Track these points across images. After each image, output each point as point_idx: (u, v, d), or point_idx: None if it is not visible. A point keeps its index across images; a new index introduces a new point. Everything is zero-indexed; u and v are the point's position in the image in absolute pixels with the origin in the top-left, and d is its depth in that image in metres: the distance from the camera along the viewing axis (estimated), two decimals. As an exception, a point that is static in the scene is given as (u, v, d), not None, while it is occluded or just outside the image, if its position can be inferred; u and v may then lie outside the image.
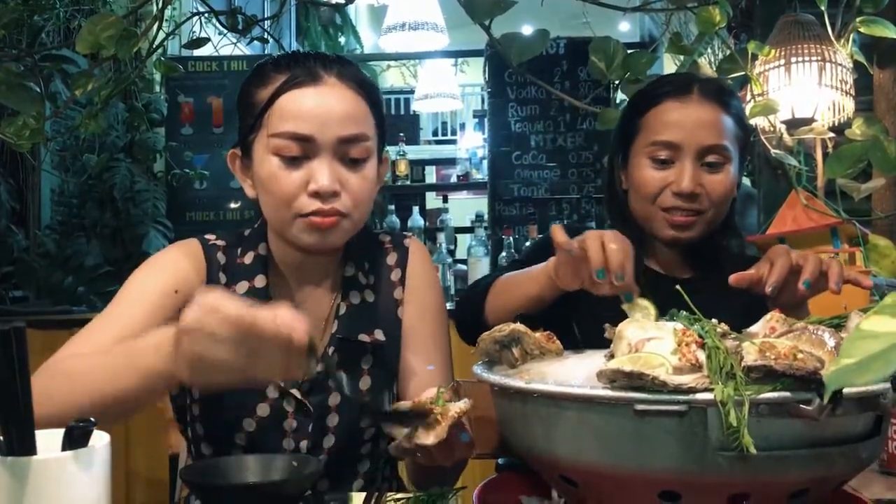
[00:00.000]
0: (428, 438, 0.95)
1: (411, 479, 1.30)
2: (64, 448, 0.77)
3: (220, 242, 1.30)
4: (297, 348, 0.88)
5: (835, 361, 0.51)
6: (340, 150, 1.19)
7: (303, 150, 1.17)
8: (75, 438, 0.78)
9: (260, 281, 1.25)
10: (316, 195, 1.17)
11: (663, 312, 0.98)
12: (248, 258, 1.27)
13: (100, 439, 0.79)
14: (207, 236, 1.31)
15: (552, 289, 1.21)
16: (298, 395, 1.21)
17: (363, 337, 1.26)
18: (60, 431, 0.79)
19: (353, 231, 1.24)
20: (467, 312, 1.37)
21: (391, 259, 1.34)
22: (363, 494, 1.09)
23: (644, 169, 1.40)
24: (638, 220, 1.45)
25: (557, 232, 1.13)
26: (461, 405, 0.97)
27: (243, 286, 1.25)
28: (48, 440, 0.79)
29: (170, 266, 1.24)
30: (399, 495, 1.10)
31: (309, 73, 1.19)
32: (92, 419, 0.79)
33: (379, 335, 1.28)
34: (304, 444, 1.21)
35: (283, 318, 0.87)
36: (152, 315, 1.16)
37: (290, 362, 0.89)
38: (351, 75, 1.22)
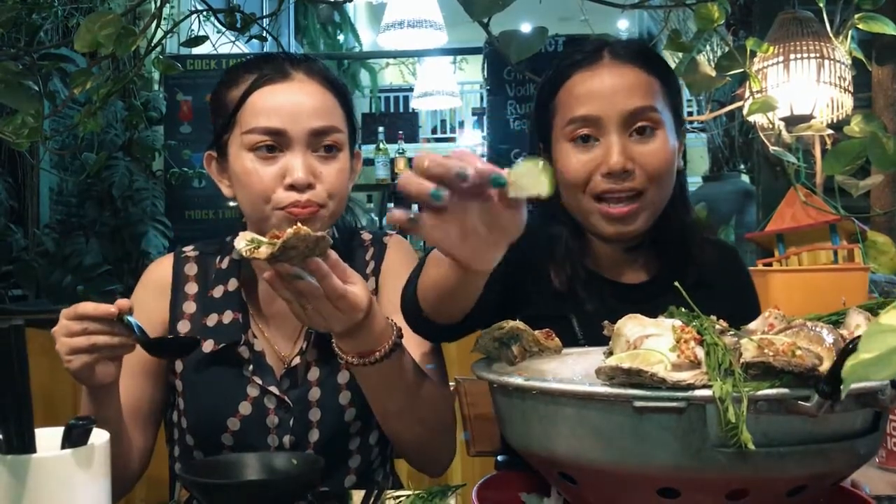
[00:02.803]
0: (261, 254, 0.92)
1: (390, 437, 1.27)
2: (63, 446, 0.77)
3: (193, 253, 1.35)
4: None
5: (853, 356, 0.51)
6: (313, 143, 1.22)
7: (276, 144, 1.21)
8: (75, 437, 0.78)
9: (232, 284, 1.30)
10: (292, 188, 1.20)
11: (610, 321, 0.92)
12: (225, 263, 1.32)
13: (99, 437, 0.80)
14: (185, 248, 1.37)
15: (449, 266, 0.93)
16: (277, 392, 1.23)
17: None
18: (60, 430, 0.79)
19: (331, 222, 1.27)
20: (405, 306, 1.11)
21: (368, 255, 1.36)
22: (362, 492, 1.10)
23: (567, 154, 1.21)
24: (573, 217, 1.26)
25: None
26: (303, 228, 0.90)
27: (219, 290, 1.30)
28: (48, 438, 0.79)
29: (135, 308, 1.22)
30: (398, 493, 1.10)
31: (278, 70, 1.24)
32: (91, 417, 0.79)
33: None
34: (287, 439, 1.23)
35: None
36: (128, 365, 1.18)
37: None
38: (318, 71, 1.27)
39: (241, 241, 0.94)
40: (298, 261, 0.93)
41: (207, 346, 1.24)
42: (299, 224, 0.92)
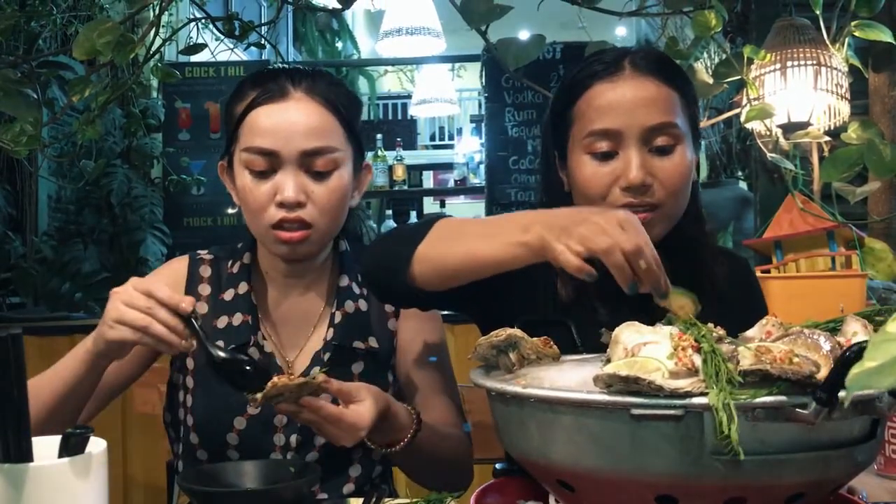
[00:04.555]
0: (256, 398, 1.04)
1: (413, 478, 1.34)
2: (61, 455, 0.77)
3: (208, 256, 1.38)
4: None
5: (858, 364, 0.50)
6: (305, 163, 1.24)
7: (269, 163, 1.23)
8: (72, 445, 0.78)
9: (242, 288, 1.32)
10: (282, 205, 1.22)
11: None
12: (236, 268, 1.35)
13: (97, 446, 0.79)
14: (200, 251, 1.39)
15: (524, 260, 1.02)
16: None
17: (358, 344, 1.31)
18: (57, 438, 0.79)
19: (324, 240, 1.30)
20: (387, 259, 1.13)
21: None
22: (360, 500, 1.10)
23: (584, 166, 1.20)
24: None
25: (567, 257, 0.97)
26: (282, 379, 1.03)
27: (230, 293, 1.32)
28: (45, 447, 0.79)
29: None
30: (396, 501, 1.11)
31: (278, 88, 1.24)
32: (90, 426, 0.79)
33: (373, 342, 1.33)
34: (294, 438, 1.25)
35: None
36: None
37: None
38: (320, 90, 1.26)
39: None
40: (292, 400, 1.06)
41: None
42: (277, 376, 1.03)
